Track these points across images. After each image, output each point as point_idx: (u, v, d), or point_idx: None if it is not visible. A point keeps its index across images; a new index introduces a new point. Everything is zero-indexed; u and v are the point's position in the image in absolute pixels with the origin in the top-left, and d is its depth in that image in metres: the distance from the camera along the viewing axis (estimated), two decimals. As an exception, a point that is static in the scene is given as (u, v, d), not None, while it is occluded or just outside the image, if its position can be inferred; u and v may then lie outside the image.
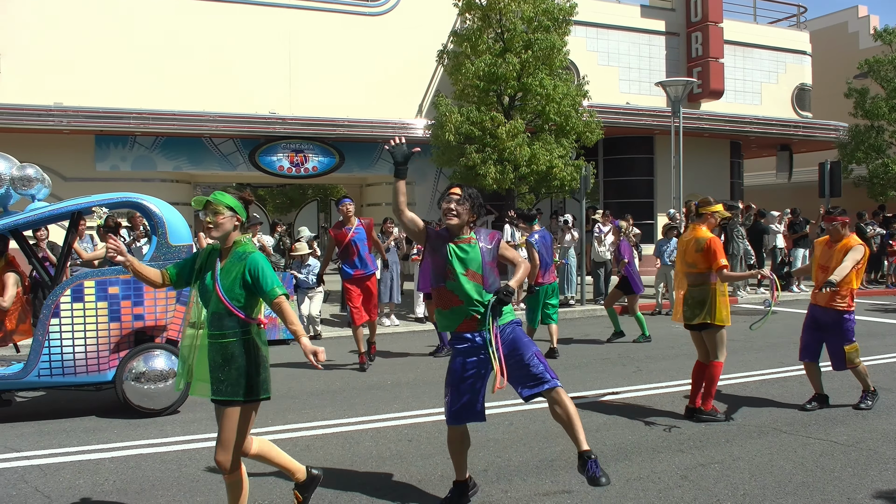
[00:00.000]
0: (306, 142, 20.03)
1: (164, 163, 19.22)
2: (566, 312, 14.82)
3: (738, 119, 22.59)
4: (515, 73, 15.63)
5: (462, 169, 15.95)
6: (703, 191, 22.75)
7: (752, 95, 24.58)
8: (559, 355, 10.32)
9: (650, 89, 22.12)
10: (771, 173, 28.76)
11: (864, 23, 33.59)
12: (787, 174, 26.36)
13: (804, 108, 25.47)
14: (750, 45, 24.57)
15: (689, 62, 23.45)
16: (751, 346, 11.07)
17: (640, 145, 22.88)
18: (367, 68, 20.22)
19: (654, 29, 23.33)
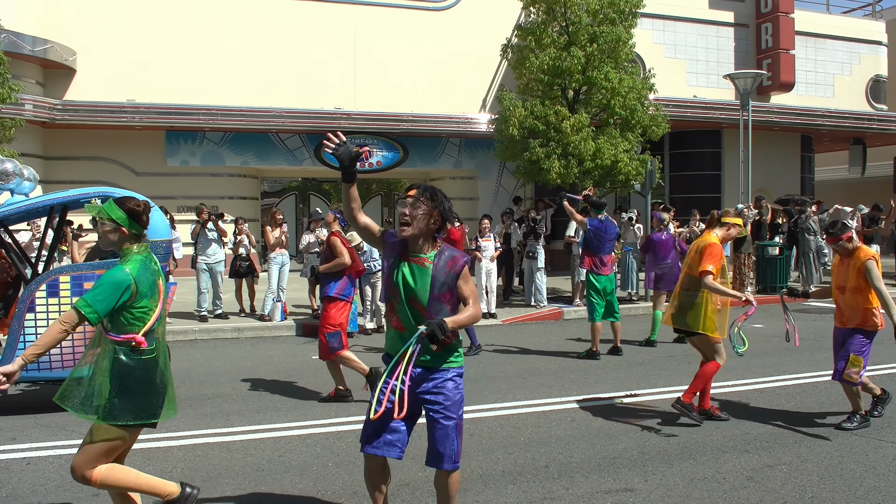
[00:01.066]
0: (371, 136, 20.23)
1: (232, 158, 19.63)
2: (629, 309, 14.67)
3: (810, 112, 22.01)
4: (580, 66, 15.50)
5: (525, 163, 15.90)
6: (772, 186, 22.29)
7: (824, 88, 23.91)
8: (622, 353, 10.23)
9: (718, 82, 21.71)
10: (844, 168, 27.98)
11: (945, 10, 32.38)
12: (861, 168, 25.61)
13: (879, 101, 24.68)
14: (822, 35, 23.90)
15: (758, 54, 22.92)
16: (821, 345, 10.80)
17: (708, 139, 22.47)
18: (431, 63, 20.32)
19: (723, 20, 22.86)
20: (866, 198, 21.39)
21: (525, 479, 5.34)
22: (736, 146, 18.63)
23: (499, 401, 7.57)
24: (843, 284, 6.53)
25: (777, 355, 10.01)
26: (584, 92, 16.20)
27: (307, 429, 6.63)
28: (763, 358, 9.80)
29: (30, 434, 6.53)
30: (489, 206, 20.75)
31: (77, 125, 17.91)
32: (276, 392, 8.05)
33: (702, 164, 22.64)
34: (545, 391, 8.00)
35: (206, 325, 12.32)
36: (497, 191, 21.53)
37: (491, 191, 21.56)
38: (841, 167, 29.06)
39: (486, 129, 19.33)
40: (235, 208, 19.26)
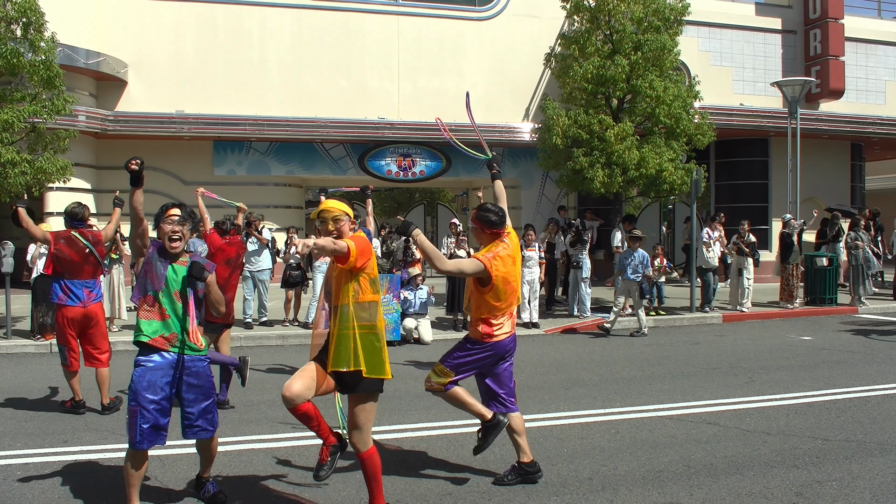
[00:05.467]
0: (413, 146, 20.33)
1: (277, 167, 19.87)
2: (675, 319, 14.52)
3: (860, 119, 21.58)
4: (624, 74, 15.42)
5: (569, 172, 15.84)
6: (821, 195, 21.90)
7: (875, 94, 23.44)
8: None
9: (765, 89, 21.41)
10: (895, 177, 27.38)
11: None
12: (914, 177, 25.05)
13: (934, 107, 24.10)
14: (873, 41, 23.42)
15: (806, 61, 22.55)
16: (873, 358, 10.58)
17: (755, 148, 22.14)
18: (474, 72, 20.37)
19: (770, 27, 22.54)
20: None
21: (568, 492, 5.31)
22: (784, 155, 18.35)
23: (542, 412, 7.54)
24: None
25: (826, 368, 9.82)
26: (629, 100, 16.10)
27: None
28: (811, 371, 9.62)
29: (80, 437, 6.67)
30: (532, 216, 20.70)
31: (128, 136, 18.29)
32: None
33: (749, 172, 22.30)
34: (589, 402, 7.95)
35: (251, 332, 12.47)
36: (540, 200, 21.46)
37: (534, 200, 21.49)
38: (893, 176, 28.45)
39: (530, 139, 19.30)
40: (281, 217, 19.49)
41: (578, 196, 20.96)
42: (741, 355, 10.97)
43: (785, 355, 10.92)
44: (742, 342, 12.25)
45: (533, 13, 20.44)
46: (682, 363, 10.40)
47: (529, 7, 20.52)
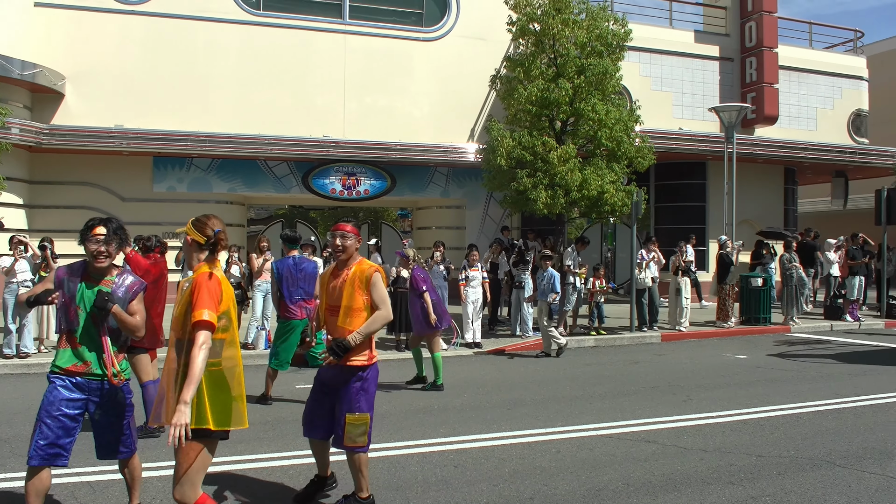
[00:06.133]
0: (359, 165, 20.30)
1: (219, 184, 19.64)
2: (615, 339, 14.73)
3: (793, 145, 22.27)
4: (568, 98, 15.66)
5: (513, 193, 15.99)
6: (756, 217, 22.50)
7: (807, 121, 24.22)
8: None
9: (703, 114, 21.96)
10: (826, 200, 28.26)
11: (923, 47, 33.00)
12: (843, 201, 25.88)
13: (861, 134, 25.01)
14: (805, 70, 24.25)
15: (743, 87, 23.22)
16: (804, 376, 10.87)
17: (693, 171, 22.67)
18: (421, 92, 20.48)
19: (708, 54, 23.17)
20: (848, 230, 21.61)
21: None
22: (721, 178, 18.82)
23: (483, 431, 7.57)
24: None
25: (761, 386, 10.06)
26: (572, 123, 16.35)
27: (283, 460, 6.60)
28: (747, 389, 9.85)
29: (11, 462, 6.48)
30: (476, 236, 20.82)
31: (64, 150, 17.87)
32: (258, 422, 8.01)
33: (687, 195, 22.82)
34: (530, 422, 8.00)
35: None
36: (484, 220, 21.60)
37: (478, 220, 21.63)
38: (824, 199, 29.35)
39: (475, 159, 19.45)
40: (222, 235, 19.23)
41: (522, 216, 21.16)
42: (679, 374, 11.17)
43: (721, 374, 11.16)
44: (680, 361, 12.49)
45: (480, 35, 20.66)
46: (623, 382, 10.55)
47: (477, 29, 20.74)
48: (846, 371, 11.34)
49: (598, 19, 16.26)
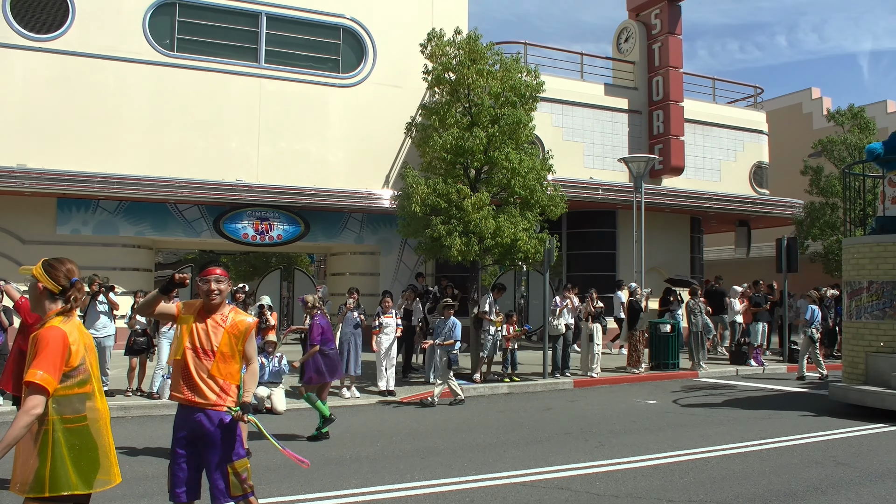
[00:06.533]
0: (272, 210, 20.03)
1: (126, 228, 19.07)
2: (528, 385, 14.79)
3: (698, 195, 23.06)
4: (482, 146, 15.86)
5: (427, 240, 16.02)
6: (664, 265, 23.11)
7: (711, 172, 25.15)
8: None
9: (613, 165, 22.56)
10: (730, 248, 29.30)
11: (817, 104, 34.90)
12: (746, 249, 26.87)
13: (762, 185, 26.10)
14: (709, 123, 25.25)
15: (650, 139, 24.01)
16: (712, 420, 11.10)
17: (604, 219, 23.22)
18: (336, 137, 20.45)
19: (618, 107, 23.91)
20: (751, 277, 22.42)
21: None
22: (630, 226, 19.30)
23: (396, 482, 7.44)
24: None
25: (670, 430, 10.22)
26: (486, 171, 16.55)
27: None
28: (657, 434, 9.99)
29: None
30: (390, 282, 20.74)
31: (-40, 190, 17.12)
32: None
33: (598, 243, 23.32)
34: (444, 471, 7.91)
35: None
36: (398, 266, 21.56)
37: (392, 267, 21.57)
38: (728, 247, 30.42)
39: (389, 206, 19.44)
40: (128, 280, 18.62)
41: (436, 263, 21.21)
42: (591, 420, 11.27)
43: (632, 419, 11.30)
44: (592, 407, 12.61)
45: (396, 83, 20.82)
46: (536, 429, 10.56)
47: (393, 77, 20.91)
48: (751, 415, 11.64)
49: (511, 71, 16.60)
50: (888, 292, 11.91)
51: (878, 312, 12.04)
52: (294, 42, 20.41)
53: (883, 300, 11.95)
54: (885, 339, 11.93)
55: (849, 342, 12.72)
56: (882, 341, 11.95)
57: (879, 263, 12.13)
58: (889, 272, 11.95)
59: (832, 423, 10.88)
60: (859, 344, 12.35)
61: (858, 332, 12.41)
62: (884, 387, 11.49)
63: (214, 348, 4.89)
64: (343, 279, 21.89)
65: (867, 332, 12.23)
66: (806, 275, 22.80)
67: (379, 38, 21.04)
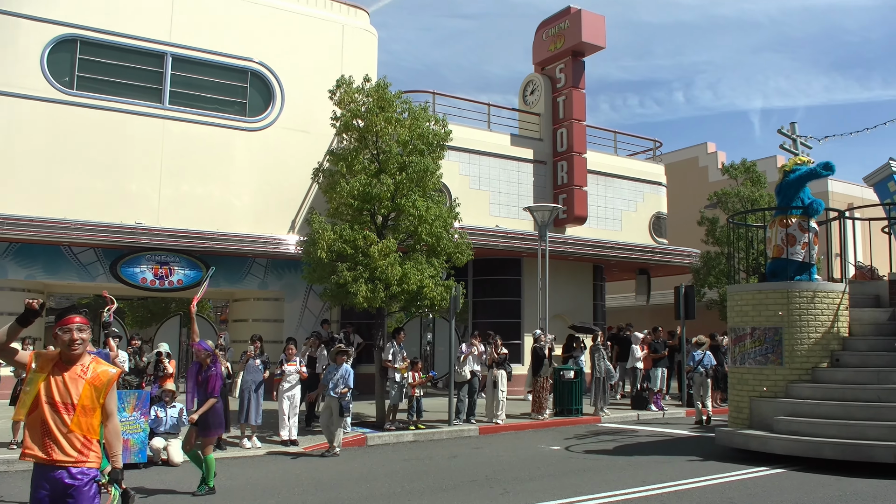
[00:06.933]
0: (172, 254, 19.48)
1: (16, 270, 18.21)
2: (433, 433, 14.69)
3: (601, 244, 23.63)
4: (389, 193, 15.88)
5: (333, 286, 15.85)
6: (567, 312, 23.49)
7: (613, 222, 25.85)
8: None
9: (519, 213, 22.92)
10: (631, 295, 30.03)
11: (712, 158, 36.46)
12: (646, 297, 27.59)
13: (660, 235, 26.96)
14: (611, 175, 26.01)
15: (555, 189, 24.54)
16: (614, 465, 11.24)
17: (509, 267, 23.50)
18: (241, 181, 20.15)
19: (523, 157, 24.40)
20: (651, 324, 23.00)
21: None
22: (535, 274, 19.57)
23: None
24: None
25: (574, 476, 10.29)
26: (393, 218, 16.56)
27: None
28: (561, 479, 10.04)
29: None
30: (294, 329, 20.38)
31: None
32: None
33: (503, 290, 23.57)
34: (347, 522, 7.73)
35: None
36: (303, 313, 21.24)
37: (297, 313, 21.23)
38: (629, 295, 31.16)
39: (295, 251, 19.17)
40: (17, 326, 17.70)
41: (342, 310, 20.97)
42: (497, 467, 11.25)
43: (537, 465, 11.34)
44: (498, 454, 12.60)
45: (303, 128, 20.74)
46: (441, 477, 10.48)
47: (300, 122, 20.82)
48: (651, 460, 11.84)
49: (419, 119, 16.75)
50: (770, 338, 12.33)
51: (760, 358, 12.44)
52: (200, 84, 20.13)
53: (765, 346, 12.36)
54: (768, 384, 12.31)
55: (734, 387, 13.05)
56: (765, 386, 12.33)
57: (762, 310, 12.55)
58: (771, 318, 12.37)
59: (719, 466, 11.14)
60: (744, 389, 12.68)
61: (743, 377, 12.76)
62: (767, 430, 11.79)
63: (75, 401, 4.63)
64: (246, 325, 21.42)
65: (751, 377, 12.59)
66: (703, 321, 23.53)
67: (287, 83, 20.98)
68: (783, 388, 12.22)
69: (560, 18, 24.99)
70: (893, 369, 11.66)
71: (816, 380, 12.16)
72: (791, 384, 12.16)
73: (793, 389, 12.10)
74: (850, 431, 10.87)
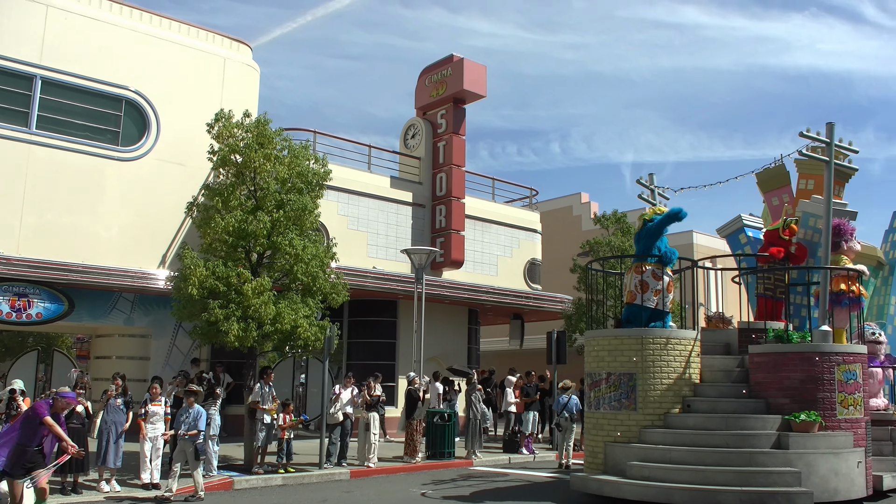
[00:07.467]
0: (32, 285, 18.45)
1: None
2: (304, 476, 14.42)
3: (476, 288, 24.00)
4: (266, 231, 15.66)
5: (204, 324, 15.42)
6: (442, 355, 23.66)
7: (489, 266, 26.32)
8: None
9: (396, 255, 23.02)
10: (505, 339, 30.52)
11: (585, 208, 37.79)
12: (519, 341, 28.11)
13: (535, 281, 27.62)
14: (489, 220, 26.55)
15: (433, 232, 24.82)
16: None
17: (385, 309, 23.51)
18: (111, 212, 19.41)
19: (403, 199, 24.60)
20: (525, 368, 23.43)
21: None
22: (411, 316, 19.67)
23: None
24: None
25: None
26: (269, 256, 16.32)
27: None
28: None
29: None
30: (161, 368, 19.63)
31: None
32: None
33: (379, 332, 23.53)
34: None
35: None
36: (171, 351, 20.50)
37: (164, 351, 20.47)
38: (503, 339, 31.64)
39: (165, 286, 18.53)
40: None
41: (212, 348, 20.39)
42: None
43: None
44: (368, 498, 12.49)
45: (179, 160, 20.23)
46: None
47: (176, 154, 20.30)
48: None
49: (299, 157, 16.66)
50: (625, 384, 12.45)
51: (615, 403, 12.51)
52: (71, 109, 19.37)
53: (620, 391, 12.48)
54: (622, 430, 12.36)
55: (589, 432, 13.06)
56: (619, 431, 12.38)
57: (617, 356, 12.66)
58: (625, 364, 12.49)
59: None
60: (599, 434, 12.70)
61: (598, 422, 12.78)
62: (620, 476, 11.80)
63: None
64: (109, 363, 20.48)
65: (606, 423, 12.61)
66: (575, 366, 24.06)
67: (164, 114, 20.48)
68: (637, 434, 12.28)
69: (443, 65, 25.52)
70: (741, 415, 12.00)
71: (668, 425, 12.28)
72: (644, 429, 12.25)
73: (646, 435, 12.20)
74: (699, 477, 11.01)
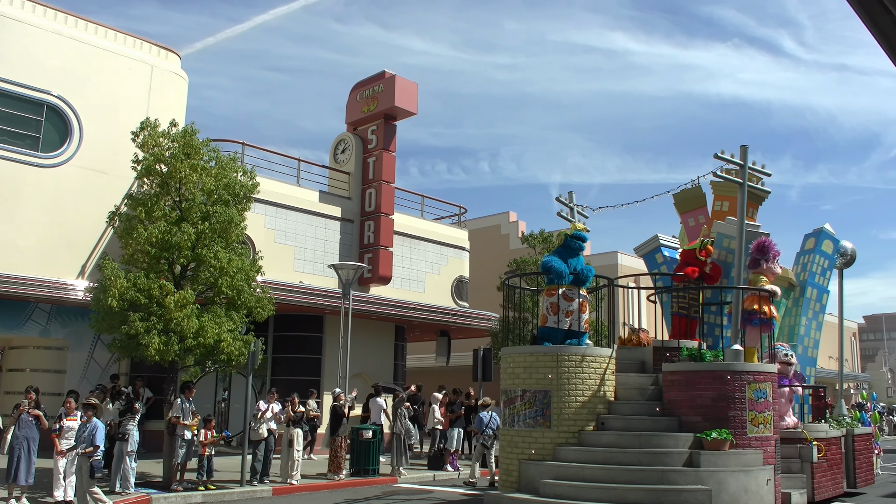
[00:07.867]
0: (-63, 295, 17.75)
1: None
2: (224, 494, 14.15)
3: (404, 304, 24.02)
4: (190, 242, 15.39)
5: (123, 337, 15.04)
6: (368, 371, 23.57)
7: (417, 283, 26.35)
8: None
9: (324, 270, 22.87)
10: (431, 356, 30.59)
11: (513, 227, 38.29)
12: (446, 358, 28.21)
13: (462, 298, 27.76)
14: (417, 237, 26.61)
15: (361, 248, 24.75)
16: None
17: (311, 324, 23.32)
18: (29, 220, 18.79)
19: (332, 214, 24.48)
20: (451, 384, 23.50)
21: None
22: (337, 332, 19.53)
23: None
24: None
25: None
26: (193, 268, 16.03)
27: None
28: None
29: None
30: (78, 381, 19.05)
31: None
32: None
33: (304, 347, 23.30)
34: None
35: None
36: (88, 364, 19.90)
37: (81, 364, 19.86)
38: (429, 356, 31.71)
39: (83, 298, 18.03)
40: None
41: (132, 362, 19.89)
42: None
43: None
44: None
45: (101, 169, 19.74)
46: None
47: (99, 162, 19.80)
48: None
49: (227, 169, 16.44)
50: (539, 401, 12.34)
51: (530, 420, 12.38)
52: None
53: (535, 408, 12.35)
54: (536, 447, 12.22)
55: (504, 449, 12.91)
56: (534, 448, 12.24)
57: (532, 373, 12.58)
58: (541, 381, 12.41)
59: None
60: (514, 451, 12.54)
61: (513, 439, 12.62)
62: (534, 494, 11.65)
63: None
64: (23, 376, 19.77)
65: (521, 440, 12.46)
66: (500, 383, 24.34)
67: (87, 121, 19.98)
68: (551, 451, 12.16)
69: (375, 81, 25.57)
70: (654, 433, 11.96)
71: (583, 443, 12.18)
72: (559, 447, 12.14)
73: (560, 452, 12.09)
74: (611, 495, 10.93)
